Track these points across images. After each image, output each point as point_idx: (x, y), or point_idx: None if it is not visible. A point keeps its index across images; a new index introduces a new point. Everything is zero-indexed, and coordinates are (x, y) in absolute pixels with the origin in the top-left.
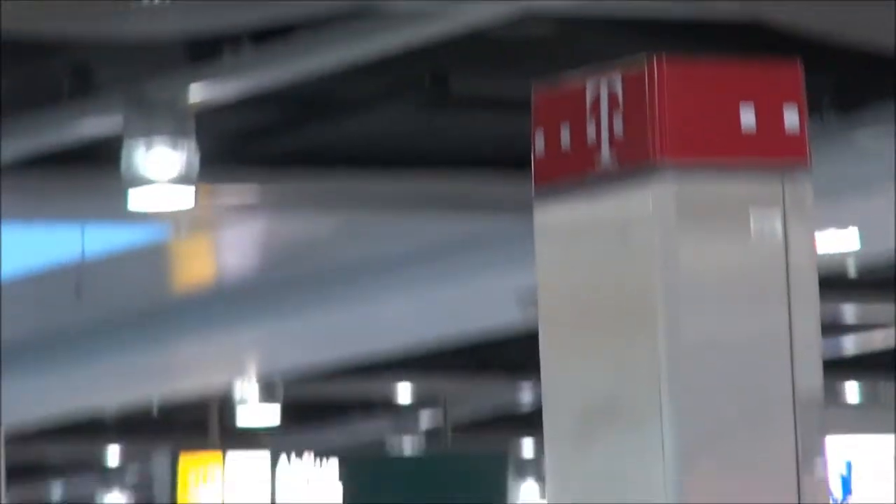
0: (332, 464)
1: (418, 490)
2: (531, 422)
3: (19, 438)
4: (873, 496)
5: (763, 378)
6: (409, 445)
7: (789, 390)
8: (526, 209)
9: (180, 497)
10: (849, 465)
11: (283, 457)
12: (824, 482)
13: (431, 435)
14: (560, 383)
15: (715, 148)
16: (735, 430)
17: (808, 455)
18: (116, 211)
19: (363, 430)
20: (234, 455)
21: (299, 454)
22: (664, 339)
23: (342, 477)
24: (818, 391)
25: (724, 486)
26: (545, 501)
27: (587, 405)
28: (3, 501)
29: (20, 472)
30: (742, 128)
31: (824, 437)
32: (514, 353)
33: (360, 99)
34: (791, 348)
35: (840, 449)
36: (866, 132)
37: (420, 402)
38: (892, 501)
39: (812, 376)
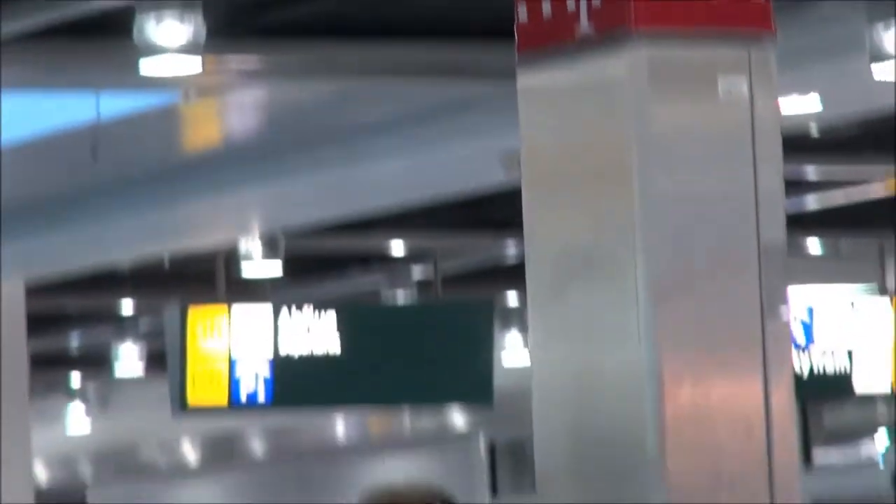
0: (331, 314)
1: (411, 337)
2: (516, 275)
3: (40, 291)
4: (834, 342)
5: (730, 230)
6: (402, 297)
7: (754, 241)
8: (510, 75)
9: (190, 347)
10: (810, 312)
11: (285, 308)
12: (787, 327)
13: (423, 287)
14: (541, 237)
15: (685, 16)
16: (704, 278)
17: (771, 302)
18: (130, 78)
19: (359, 283)
20: (239, 307)
21: (300, 306)
22: (638, 195)
23: (340, 326)
24: (781, 242)
25: (694, 330)
26: (528, 349)
27: (566, 256)
28: (25, 350)
29: (41, 323)
30: None
31: (787, 285)
32: (500, 211)
33: None
34: (756, 203)
35: (803, 298)
36: (828, 3)
37: (412, 256)
38: (850, 348)
39: (775, 229)
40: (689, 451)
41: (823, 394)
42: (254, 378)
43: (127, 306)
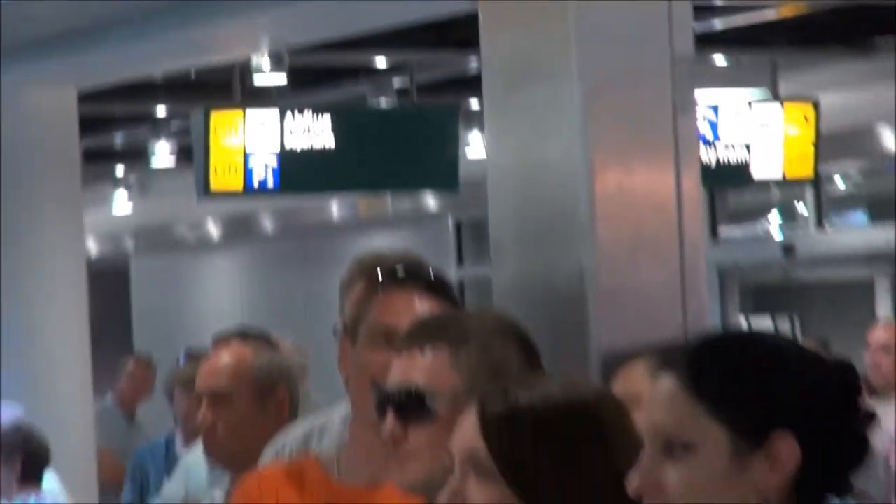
0: (327, 117)
1: (392, 135)
2: (477, 84)
3: (90, 97)
4: (735, 137)
5: (647, 44)
6: (384, 103)
7: (668, 52)
8: None
9: (212, 143)
10: (715, 111)
11: (289, 112)
12: (695, 124)
13: (401, 94)
14: (496, 48)
15: None
16: (627, 82)
17: (682, 102)
18: None
19: (350, 91)
20: (252, 111)
21: (301, 110)
22: (573, 15)
23: (334, 126)
24: (690, 53)
25: (619, 126)
26: (485, 143)
27: (515, 67)
28: (77, 146)
29: (91, 124)
30: None
31: (695, 89)
32: (464, 31)
33: None
34: (670, 22)
35: (709, 100)
36: None
37: (393, 69)
38: (748, 142)
39: (685, 43)
40: (615, 223)
41: (727, 180)
42: (264, 168)
43: (161, 110)
